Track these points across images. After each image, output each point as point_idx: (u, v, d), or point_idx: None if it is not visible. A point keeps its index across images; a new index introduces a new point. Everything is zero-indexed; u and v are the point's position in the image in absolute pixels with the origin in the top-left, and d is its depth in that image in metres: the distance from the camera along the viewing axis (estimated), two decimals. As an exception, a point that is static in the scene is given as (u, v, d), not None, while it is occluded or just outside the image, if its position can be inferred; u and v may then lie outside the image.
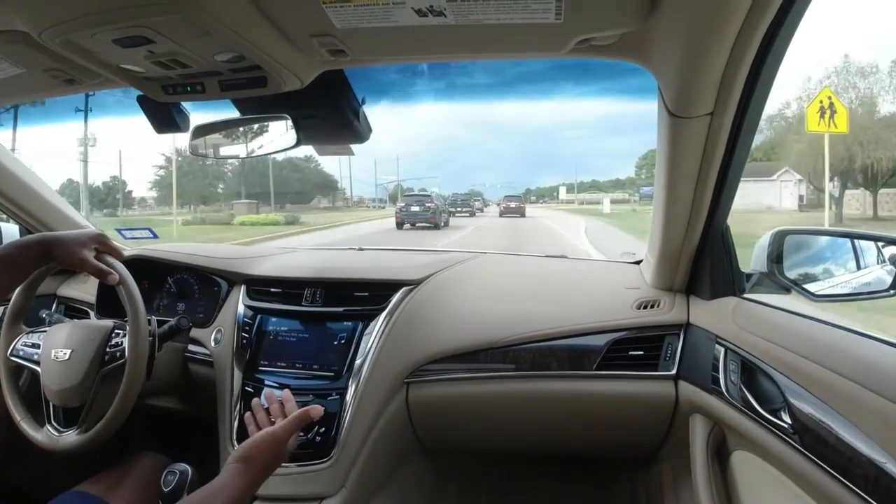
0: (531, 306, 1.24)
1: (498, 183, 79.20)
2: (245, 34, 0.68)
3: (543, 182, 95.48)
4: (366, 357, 1.15)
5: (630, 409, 1.15)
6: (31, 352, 1.12)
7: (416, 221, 16.32)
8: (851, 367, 0.67)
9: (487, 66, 1.25)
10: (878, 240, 0.98)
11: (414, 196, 18.81)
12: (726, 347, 0.95)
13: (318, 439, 1.09)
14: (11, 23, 0.69)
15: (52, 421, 1.10)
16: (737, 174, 0.91)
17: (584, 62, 0.83)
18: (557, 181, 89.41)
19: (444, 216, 17.83)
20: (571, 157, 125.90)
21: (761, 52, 0.67)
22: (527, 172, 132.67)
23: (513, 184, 73.52)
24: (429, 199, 17.20)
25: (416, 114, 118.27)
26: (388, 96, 1.12)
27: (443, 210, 17.67)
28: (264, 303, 1.28)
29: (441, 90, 1.21)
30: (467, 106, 77.84)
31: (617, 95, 0.83)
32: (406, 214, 16.39)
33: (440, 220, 16.60)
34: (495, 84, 1.27)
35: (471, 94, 1.33)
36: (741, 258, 1.05)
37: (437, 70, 1.16)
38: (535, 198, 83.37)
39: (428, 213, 16.20)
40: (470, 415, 1.24)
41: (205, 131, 1.03)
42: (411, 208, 16.48)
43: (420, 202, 16.84)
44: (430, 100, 1.27)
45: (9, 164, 1.38)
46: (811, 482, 0.70)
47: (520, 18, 0.65)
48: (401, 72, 1.09)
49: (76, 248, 0.99)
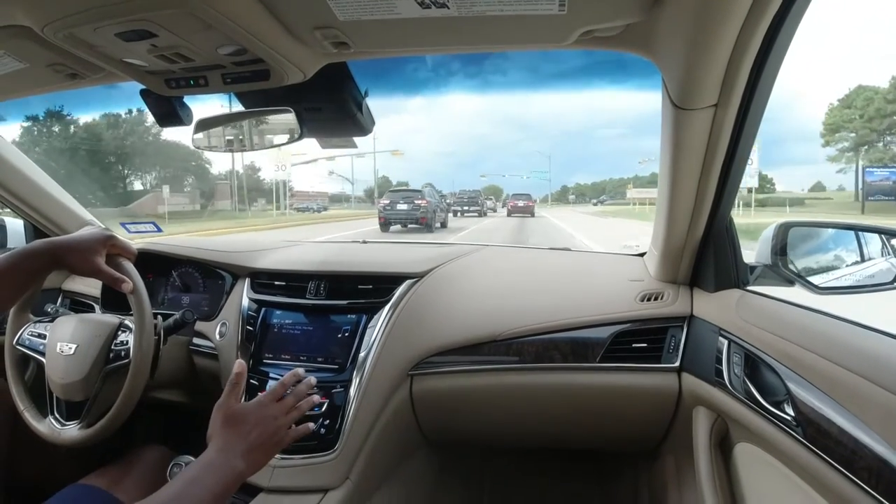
0: (535, 299, 1.24)
1: (523, 173, 74.78)
2: (248, 27, 0.68)
3: (580, 180, 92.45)
4: (370, 350, 1.15)
5: (633, 401, 1.15)
6: (37, 342, 1.13)
7: (404, 221, 14.61)
8: (855, 360, 0.66)
9: (521, 64, 1.23)
10: (882, 232, 0.98)
11: (401, 192, 16.27)
12: (730, 340, 0.95)
13: (323, 431, 1.10)
14: (14, 17, 0.70)
15: (55, 412, 1.11)
16: (741, 166, 0.91)
17: (618, 59, 0.82)
18: (592, 180, 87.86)
19: (442, 215, 16.35)
20: (605, 156, 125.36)
21: (766, 43, 0.67)
22: (561, 172, 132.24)
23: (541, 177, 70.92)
24: (419, 196, 15.03)
25: (451, 112, 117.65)
26: (421, 94, 1.11)
27: (438, 208, 15.94)
28: (269, 296, 1.28)
29: (474, 88, 1.20)
30: (501, 105, 77.19)
31: (651, 91, 0.82)
32: (391, 213, 14.59)
33: (434, 221, 14.88)
34: (529, 81, 1.25)
35: (505, 92, 1.31)
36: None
37: (470, 68, 1.15)
38: (573, 196, 76.08)
39: (417, 213, 14.28)
40: (473, 407, 1.25)
41: (208, 125, 1.03)
42: (398, 206, 14.64)
43: (408, 199, 14.84)
44: (463, 96, 1.26)
45: (13, 160, 1.38)
46: (814, 474, 0.70)
47: (523, 10, 0.65)
48: (434, 69, 1.08)
49: (88, 255, 0.96)
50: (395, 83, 1.02)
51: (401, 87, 1.06)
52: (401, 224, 14.62)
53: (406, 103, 33.06)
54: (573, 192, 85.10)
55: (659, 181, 1.01)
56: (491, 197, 44.11)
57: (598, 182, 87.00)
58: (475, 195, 26.05)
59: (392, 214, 14.59)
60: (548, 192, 71.81)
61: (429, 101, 29.16)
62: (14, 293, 0.97)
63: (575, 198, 73.41)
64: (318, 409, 1.11)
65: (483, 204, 25.47)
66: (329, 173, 52.60)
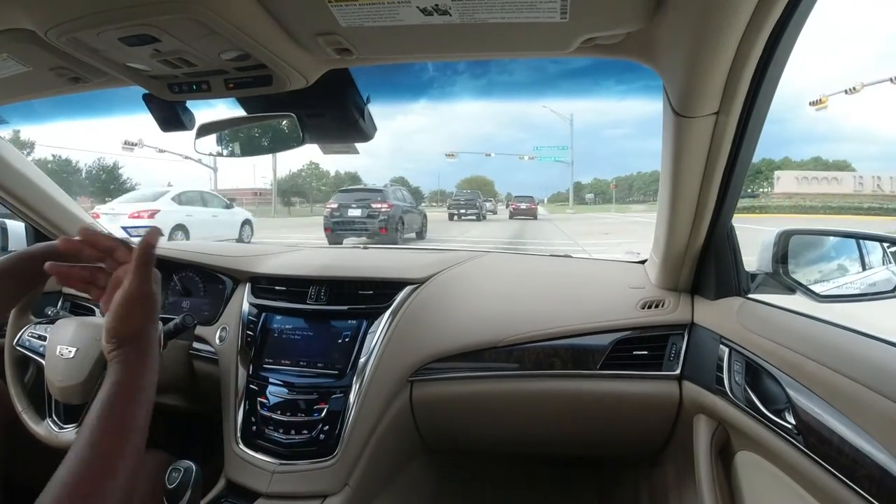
0: (535, 305, 1.24)
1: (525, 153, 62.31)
2: (251, 33, 0.69)
3: (583, 180, 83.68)
4: (370, 355, 1.15)
5: (634, 408, 1.15)
6: (37, 344, 1.13)
7: (358, 232, 10.69)
8: (856, 369, 0.66)
9: (528, 64, 1.22)
10: (883, 240, 0.98)
11: (354, 192, 11.85)
12: (731, 348, 0.95)
13: (323, 437, 1.09)
14: (18, 21, 0.70)
15: (53, 415, 1.11)
16: (742, 174, 0.91)
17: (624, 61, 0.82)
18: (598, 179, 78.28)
19: (416, 220, 12.50)
20: (612, 156, 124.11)
21: (767, 51, 0.67)
22: (567, 172, 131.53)
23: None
24: (378, 197, 11.02)
25: (455, 112, 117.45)
26: (426, 95, 1.11)
27: (410, 212, 12.17)
28: (269, 301, 1.28)
29: (481, 88, 1.20)
30: (506, 105, 75.29)
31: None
32: (340, 221, 10.76)
33: (400, 230, 11.09)
34: (536, 82, 1.24)
35: (511, 92, 1.30)
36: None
37: (476, 68, 1.16)
38: (592, 195, 59.94)
39: (375, 221, 10.56)
40: (473, 414, 1.25)
41: (210, 130, 1.04)
42: (349, 212, 10.79)
43: (363, 203, 10.86)
44: (469, 98, 1.27)
45: (15, 162, 1.38)
46: (815, 483, 0.70)
47: (525, 17, 0.65)
48: (440, 70, 1.08)
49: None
50: (399, 87, 1.02)
51: (404, 91, 1.06)
52: (355, 236, 10.73)
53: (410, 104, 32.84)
54: (590, 188, 66.35)
55: (660, 188, 1.01)
56: (491, 198, 41.78)
57: (622, 177, 70.16)
58: (473, 197, 23.31)
59: (341, 223, 10.79)
60: (568, 184, 51.35)
61: (433, 102, 28.82)
62: (11, 297, 0.95)
63: (594, 197, 56.75)
64: (318, 414, 1.11)
65: (482, 206, 22.72)
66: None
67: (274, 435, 1.12)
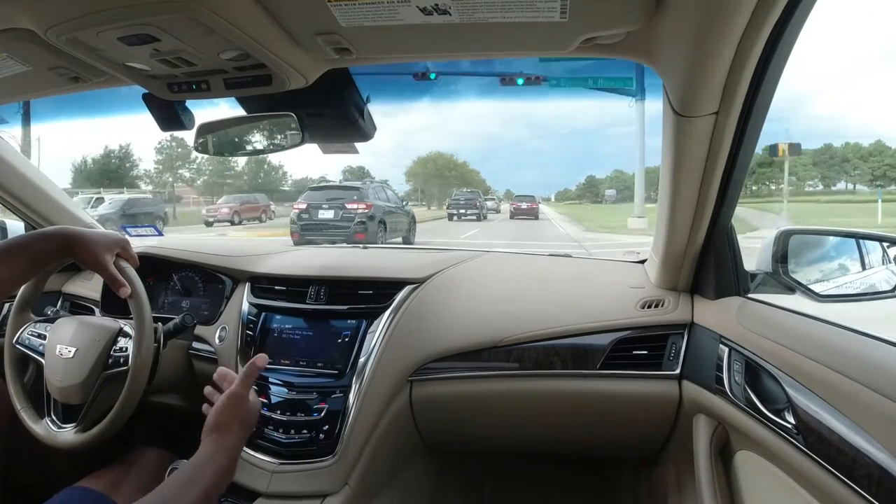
0: (535, 305, 1.24)
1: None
2: (250, 32, 0.68)
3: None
4: (370, 355, 1.15)
5: (633, 408, 1.15)
6: (36, 342, 1.13)
7: (331, 238, 9.14)
8: (856, 368, 0.66)
9: (533, 60, 1.23)
10: (883, 240, 0.98)
11: (326, 190, 10.63)
12: (730, 347, 0.95)
13: (322, 437, 1.09)
14: (17, 20, 0.70)
15: (52, 414, 1.12)
16: (741, 174, 0.91)
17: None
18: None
19: (402, 222, 11.16)
20: (617, 156, 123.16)
21: (767, 51, 0.67)
22: (570, 171, 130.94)
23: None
24: (354, 197, 9.71)
25: (457, 111, 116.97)
26: (428, 93, 1.10)
27: (395, 212, 10.91)
28: (269, 300, 1.28)
29: (484, 86, 1.20)
30: (509, 104, 74.91)
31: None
32: (307, 225, 9.54)
33: (381, 234, 9.72)
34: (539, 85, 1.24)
35: (515, 89, 1.30)
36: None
37: (480, 66, 1.16)
38: (613, 190, 51.76)
39: (352, 225, 9.29)
40: (473, 413, 1.25)
41: (209, 129, 1.04)
42: (319, 213, 9.57)
43: (337, 203, 9.63)
44: (472, 96, 1.26)
45: (15, 162, 1.38)
46: (815, 483, 0.70)
47: (525, 17, 0.65)
48: (443, 67, 1.07)
49: (99, 251, 0.99)
50: (401, 87, 1.03)
51: (405, 91, 1.06)
52: (327, 241, 7.97)
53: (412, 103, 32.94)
54: (610, 183, 56.50)
55: (660, 188, 1.01)
56: (493, 198, 40.00)
57: (651, 167, 65.99)
58: (472, 196, 22.46)
59: (310, 226, 9.55)
60: (576, 181, 47.69)
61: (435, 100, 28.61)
62: (22, 273, 0.99)
63: (615, 193, 48.41)
64: (318, 414, 1.11)
65: (482, 206, 22.07)
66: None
67: (273, 434, 1.12)
